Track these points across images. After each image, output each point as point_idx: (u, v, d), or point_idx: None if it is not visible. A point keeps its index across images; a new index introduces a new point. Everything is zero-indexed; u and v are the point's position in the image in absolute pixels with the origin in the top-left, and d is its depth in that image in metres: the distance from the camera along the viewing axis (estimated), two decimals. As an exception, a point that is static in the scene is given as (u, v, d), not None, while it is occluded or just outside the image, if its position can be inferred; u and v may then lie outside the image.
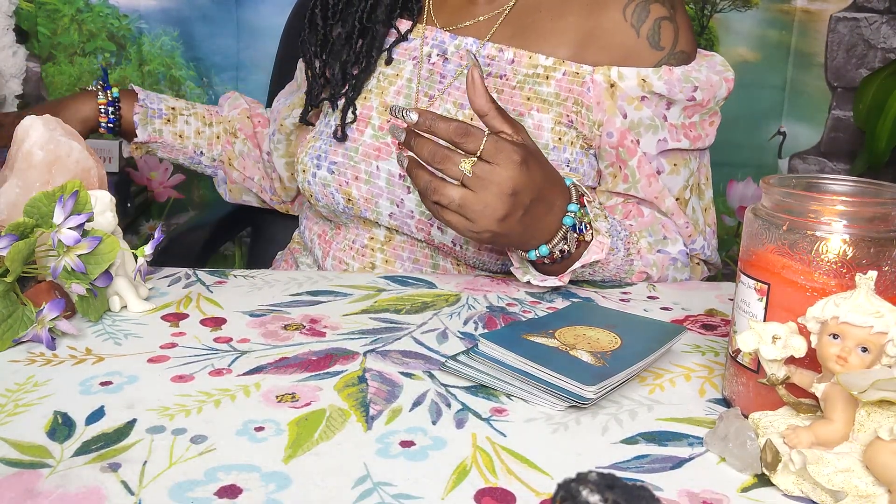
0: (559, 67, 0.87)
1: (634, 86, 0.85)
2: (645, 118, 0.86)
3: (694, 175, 0.92)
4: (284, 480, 0.45)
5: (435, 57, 0.93)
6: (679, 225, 0.91)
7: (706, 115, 0.89)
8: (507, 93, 0.88)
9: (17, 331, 0.62)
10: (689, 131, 0.88)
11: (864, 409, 0.45)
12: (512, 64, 0.89)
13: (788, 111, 1.88)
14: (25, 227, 0.63)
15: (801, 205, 0.51)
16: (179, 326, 0.68)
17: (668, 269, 0.90)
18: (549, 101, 0.87)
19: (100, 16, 1.78)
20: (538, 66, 0.88)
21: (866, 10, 1.82)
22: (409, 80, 0.93)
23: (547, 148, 0.86)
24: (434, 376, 0.59)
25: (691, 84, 0.85)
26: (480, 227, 0.70)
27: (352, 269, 0.94)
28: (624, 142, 0.87)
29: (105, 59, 1.80)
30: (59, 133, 0.72)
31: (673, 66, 0.86)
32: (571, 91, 0.86)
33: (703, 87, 0.86)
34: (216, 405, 0.54)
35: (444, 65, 0.92)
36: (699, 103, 0.87)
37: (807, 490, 0.45)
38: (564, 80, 0.87)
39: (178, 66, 1.82)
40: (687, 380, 0.61)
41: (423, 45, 0.94)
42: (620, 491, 0.34)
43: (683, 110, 0.87)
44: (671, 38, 0.86)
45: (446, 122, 0.69)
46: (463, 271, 0.92)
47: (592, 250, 0.78)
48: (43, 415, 0.52)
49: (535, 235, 0.75)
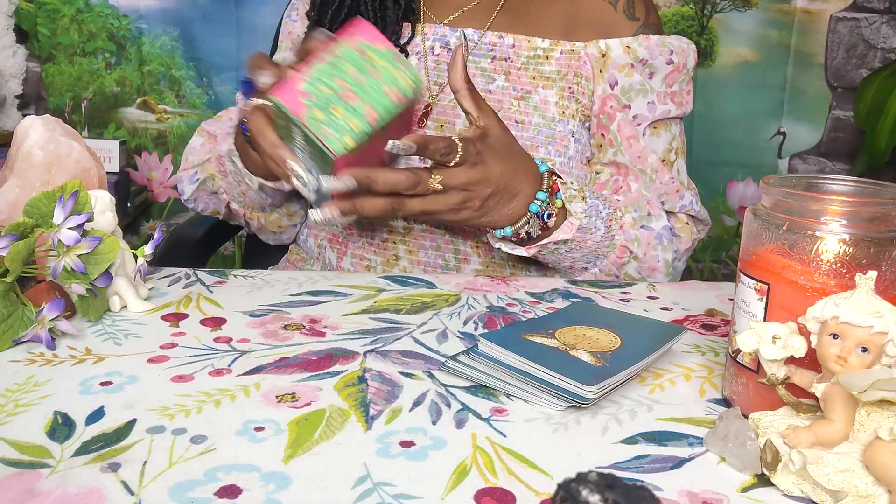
0: (556, 48, 0.95)
1: (622, 53, 0.94)
2: (635, 83, 0.94)
3: (676, 139, 0.99)
4: (284, 480, 0.45)
5: (438, 49, 0.97)
6: (664, 182, 0.97)
7: (683, 83, 0.98)
8: (514, 73, 0.95)
9: (17, 331, 0.62)
10: (673, 98, 0.97)
11: (864, 409, 0.45)
12: (513, 48, 0.96)
13: (788, 111, 1.88)
14: (25, 227, 0.63)
15: (801, 205, 0.51)
16: (179, 326, 0.68)
17: (654, 248, 0.93)
18: (552, 77, 0.94)
19: (100, 16, 1.78)
20: (537, 48, 0.95)
21: (866, 10, 1.82)
22: None
23: (554, 121, 0.93)
24: (434, 376, 0.59)
25: (668, 48, 0.95)
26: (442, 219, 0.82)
27: (374, 263, 0.95)
28: (604, 108, 0.95)
29: (105, 59, 1.80)
30: (59, 133, 0.72)
31: (648, 34, 0.95)
32: (570, 66, 0.95)
33: (677, 52, 0.95)
34: (216, 405, 0.54)
35: (449, 54, 0.96)
36: (676, 68, 0.96)
37: (807, 490, 0.45)
38: (563, 58, 0.95)
39: (178, 66, 1.82)
40: (687, 380, 0.61)
41: (423, 41, 0.97)
42: (620, 491, 0.34)
43: (664, 78, 0.95)
44: (643, 10, 0.98)
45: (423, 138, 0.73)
46: (482, 254, 0.94)
47: (563, 229, 0.84)
48: (43, 415, 0.52)
49: (497, 220, 0.81)
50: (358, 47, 0.69)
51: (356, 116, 0.68)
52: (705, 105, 1.88)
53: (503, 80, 0.94)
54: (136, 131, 1.85)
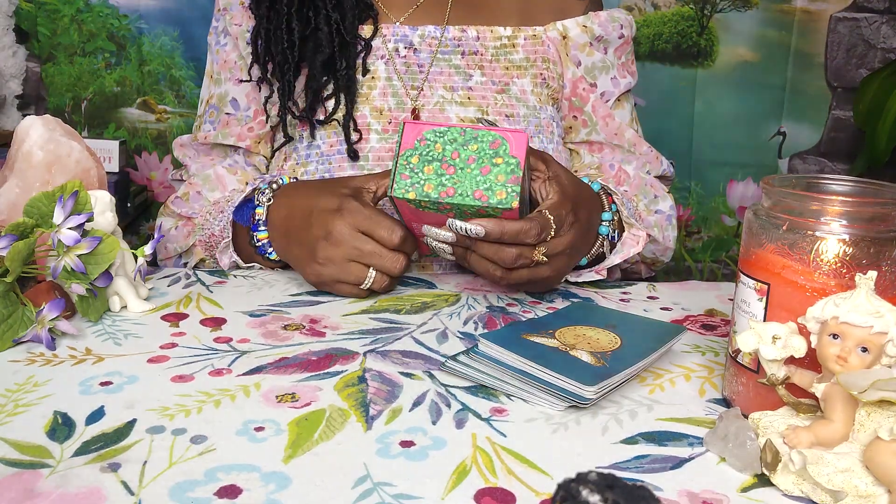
0: (518, 35, 0.96)
1: (580, 33, 0.96)
2: (597, 61, 0.97)
3: (633, 109, 1.03)
4: (284, 480, 0.45)
5: (403, 50, 0.94)
6: (643, 153, 1.00)
7: (629, 54, 1.01)
8: (488, 67, 0.95)
9: (17, 331, 0.62)
10: (627, 69, 1.00)
11: (864, 409, 0.45)
12: (479, 40, 0.95)
13: (788, 111, 1.88)
14: (25, 227, 0.63)
15: (801, 205, 0.51)
16: (179, 326, 0.68)
17: (666, 230, 0.96)
18: (523, 66, 0.96)
19: (100, 16, 1.78)
20: (501, 37, 0.96)
21: (866, 10, 1.82)
22: (388, 78, 0.93)
23: (536, 109, 0.94)
24: (434, 376, 0.59)
25: (617, 23, 0.98)
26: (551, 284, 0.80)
27: None
28: (577, 91, 0.97)
29: (105, 59, 1.80)
30: (59, 133, 0.72)
31: (597, 11, 0.98)
32: (537, 52, 0.96)
33: (625, 25, 0.98)
34: (216, 405, 0.54)
35: (417, 55, 0.94)
36: (626, 41, 0.99)
37: (807, 490, 0.45)
38: (528, 45, 0.96)
39: (178, 66, 1.81)
40: (687, 380, 0.61)
41: (385, 42, 0.94)
42: (620, 491, 0.34)
43: (615, 51, 0.99)
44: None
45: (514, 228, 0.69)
46: None
47: (629, 242, 0.84)
48: (43, 415, 0.52)
49: (580, 256, 0.80)
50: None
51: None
52: (705, 105, 1.88)
53: (479, 74, 0.94)
54: (136, 131, 1.85)
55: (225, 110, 0.97)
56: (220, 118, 0.97)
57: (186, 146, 1.00)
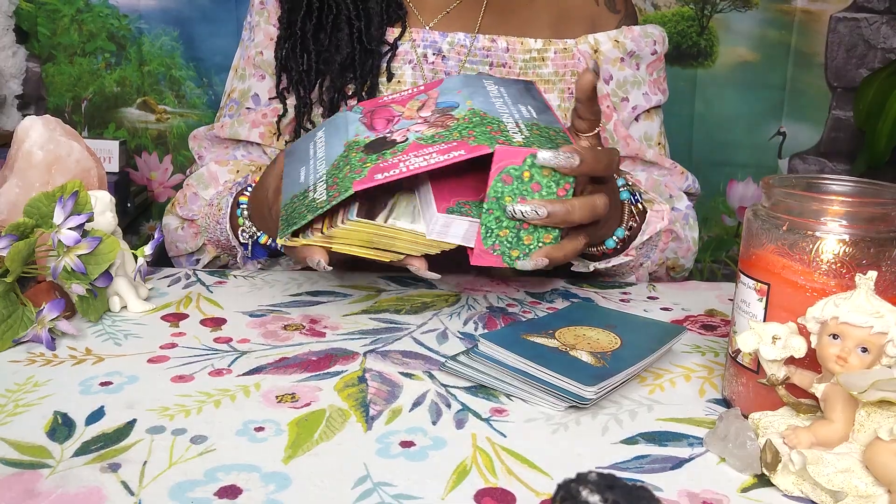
0: (549, 48, 0.94)
1: (611, 48, 0.95)
2: (629, 76, 0.96)
3: (662, 125, 1.01)
4: (284, 481, 0.45)
5: (432, 56, 0.94)
6: (668, 167, 0.98)
7: (661, 70, 1.00)
8: None
9: (17, 331, 0.62)
10: (658, 86, 0.99)
11: (864, 409, 0.45)
12: (508, 52, 0.94)
13: (788, 111, 1.88)
14: (25, 227, 0.63)
15: (801, 205, 0.51)
16: (179, 326, 0.68)
17: (684, 229, 0.93)
18: (551, 80, 0.94)
19: (100, 16, 1.78)
20: (531, 49, 0.94)
21: (866, 11, 1.82)
22: (414, 83, 0.93)
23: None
24: (434, 376, 0.59)
25: (650, 39, 0.96)
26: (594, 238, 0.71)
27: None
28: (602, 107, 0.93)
29: (105, 59, 1.80)
30: (59, 133, 0.72)
31: (630, 25, 0.97)
32: (566, 66, 0.95)
33: (658, 41, 0.97)
34: (216, 405, 0.54)
35: (445, 62, 0.93)
36: (658, 57, 0.98)
37: (807, 490, 0.45)
38: (558, 58, 0.94)
39: (178, 66, 1.82)
40: (687, 380, 0.61)
41: (414, 47, 0.94)
42: (620, 491, 0.34)
43: (647, 67, 0.97)
44: (622, 2, 0.99)
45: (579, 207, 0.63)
46: None
47: (652, 220, 0.82)
48: (43, 415, 0.52)
49: (611, 224, 0.77)
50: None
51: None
52: (705, 105, 1.88)
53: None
54: (136, 131, 1.85)
55: (245, 105, 0.98)
56: (241, 111, 0.98)
57: (201, 138, 1.00)
